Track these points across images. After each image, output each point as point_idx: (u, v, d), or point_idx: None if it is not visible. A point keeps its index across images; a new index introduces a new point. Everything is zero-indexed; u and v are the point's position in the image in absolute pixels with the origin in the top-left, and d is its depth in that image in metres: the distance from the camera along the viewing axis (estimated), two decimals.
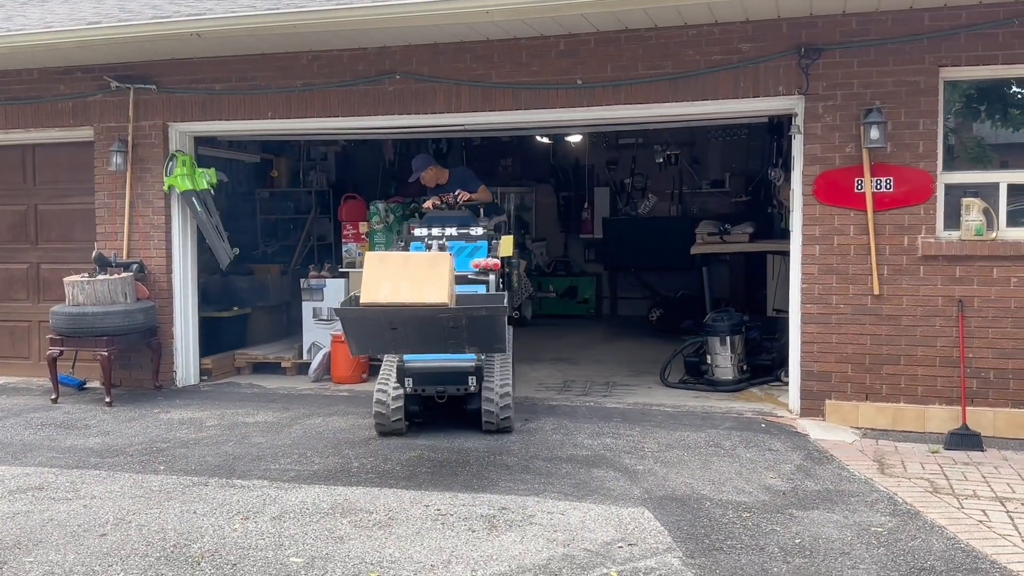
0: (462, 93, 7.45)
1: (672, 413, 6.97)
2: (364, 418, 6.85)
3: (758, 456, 5.75)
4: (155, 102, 8.25)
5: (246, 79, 8.00)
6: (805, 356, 6.75)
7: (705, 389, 7.80)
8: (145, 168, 8.29)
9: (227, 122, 8.15)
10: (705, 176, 13.03)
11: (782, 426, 6.56)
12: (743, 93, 6.81)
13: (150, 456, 5.94)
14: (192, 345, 8.53)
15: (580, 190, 13.61)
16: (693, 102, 6.95)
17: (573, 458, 5.71)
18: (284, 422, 6.84)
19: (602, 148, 13.35)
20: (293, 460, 5.76)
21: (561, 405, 7.28)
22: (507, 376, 6.35)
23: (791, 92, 6.70)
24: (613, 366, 9.14)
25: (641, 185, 13.29)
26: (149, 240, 8.29)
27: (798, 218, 6.80)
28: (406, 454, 5.83)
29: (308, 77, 7.83)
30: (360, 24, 6.86)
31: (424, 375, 6.19)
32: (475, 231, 7.18)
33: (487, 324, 4.91)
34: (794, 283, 6.87)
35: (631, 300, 13.31)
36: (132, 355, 8.24)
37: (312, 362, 8.62)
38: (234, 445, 6.17)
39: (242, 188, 12.32)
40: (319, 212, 12.21)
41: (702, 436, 6.23)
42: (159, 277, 8.28)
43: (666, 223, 12.70)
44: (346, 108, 7.76)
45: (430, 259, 5.16)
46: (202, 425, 6.80)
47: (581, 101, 7.18)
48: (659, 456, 5.74)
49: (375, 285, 4.96)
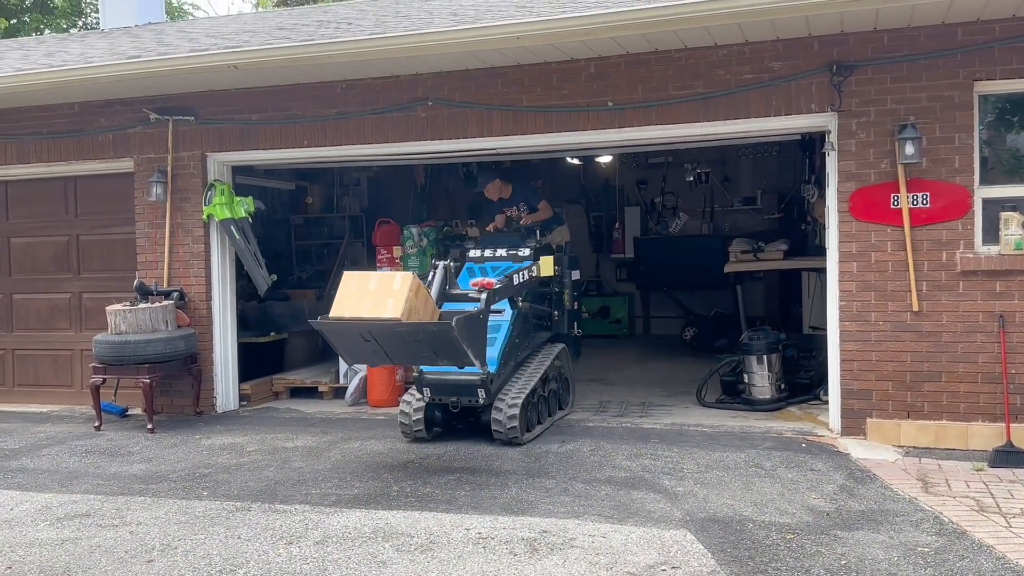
0: (494, 117, 7.52)
1: (710, 433, 6.93)
2: (402, 441, 6.89)
3: (800, 476, 5.69)
4: (193, 133, 8.42)
5: (282, 109, 8.15)
6: (845, 374, 6.68)
7: (743, 409, 7.74)
8: (184, 198, 8.45)
9: (264, 151, 8.30)
10: (736, 193, 12.99)
11: (823, 445, 6.49)
12: (775, 111, 6.80)
13: (193, 482, 6.01)
14: (231, 371, 8.64)
15: (611, 210, 13.63)
16: (725, 121, 6.96)
17: (612, 480, 5.69)
18: (323, 446, 6.90)
19: (632, 168, 13.36)
20: (333, 484, 5.80)
21: (598, 426, 7.27)
22: (523, 391, 6.64)
23: (824, 109, 6.69)
24: (648, 386, 9.11)
25: (672, 204, 13.28)
26: (189, 268, 8.44)
27: (834, 235, 6.76)
28: (444, 476, 5.85)
29: (342, 105, 7.95)
30: (392, 53, 6.97)
31: (439, 386, 6.60)
32: (522, 252, 7.36)
33: (444, 339, 5.31)
34: (832, 301, 6.82)
35: (664, 319, 13.26)
36: (173, 382, 8.36)
37: (348, 386, 8.69)
38: (275, 470, 6.23)
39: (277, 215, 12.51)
40: (353, 237, 12.35)
41: (742, 456, 6.18)
42: (199, 304, 8.42)
43: (698, 241, 12.66)
44: (379, 135, 7.87)
45: (395, 278, 5.51)
46: (243, 450, 6.88)
47: (612, 123, 7.22)
48: (699, 477, 5.71)
49: (344, 301, 5.49)
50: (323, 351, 10.19)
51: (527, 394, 6.71)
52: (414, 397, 6.83)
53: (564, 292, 7.91)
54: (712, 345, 11.00)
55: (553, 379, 7.44)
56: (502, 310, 6.88)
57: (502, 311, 6.90)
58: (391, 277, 5.58)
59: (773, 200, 12.35)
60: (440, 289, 6.02)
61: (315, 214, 12.67)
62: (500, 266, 7.31)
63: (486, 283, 6.07)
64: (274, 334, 9.76)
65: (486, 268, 7.38)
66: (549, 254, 7.73)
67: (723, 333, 10.97)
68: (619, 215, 13.52)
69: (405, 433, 6.86)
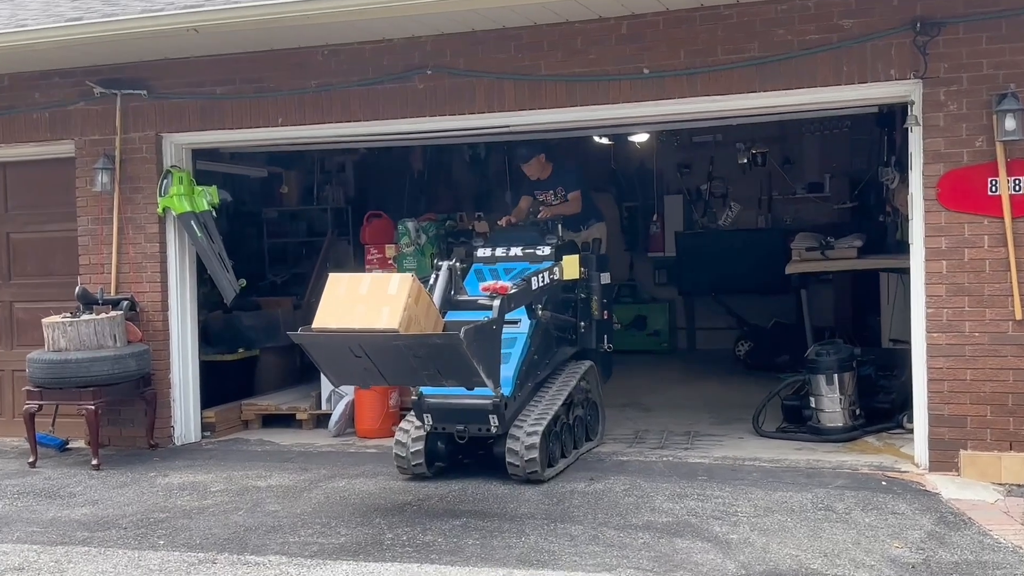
0: (505, 89, 7.53)
1: (770, 469, 6.90)
2: (397, 479, 6.90)
3: (879, 521, 5.66)
4: (146, 110, 8.47)
5: (252, 80, 8.19)
6: (933, 397, 6.65)
7: (809, 439, 7.71)
8: (135, 188, 8.50)
9: (230, 131, 8.34)
10: (800, 179, 12.95)
11: (907, 483, 6.46)
12: (846, 79, 6.78)
13: (147, 529, 6.03)
14: (192, 395, 8.68)
15: (647, 199, 13.62)
16: (785, 91, 6.95)
17: (651, 525, 5.67)
18: (303, 486, 6.90)
19: (673, 148, 13.34)
20: (315, 531, 5.81)
21: (633, 460, 7.25)
22: (544, 418, 6.64)
23: (905, 76, 6.66)
24: (694, 412, 9.08)
25: (721, 191, 13.24)
26: (141, 272, 8.48)
27: (919, 228, 6.73)
28: (448, 522, 5.85)
29: (324, 76, 7.99)
30: (386, 12, 6.98)
31: (443, 411, 6.60)
32: (541, 250, 7.37)
33: (451, 354, 5.31)
34: (917, 308, 6.78)
35: (713, 331, 13.21)
36: (122, 408, 8.40)
37: (333, 413, 8.70)
38: (245, 514, 6.24)
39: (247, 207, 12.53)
40: (337, 234, 12.37)
41: (808, 497, 6.15)
42: (153, 316, 8.46)
43: (753, 237, 12.62)
44: (368, 110, 7.89)
45: (392, 281, 5.50)
46: (207, 491, 6.89)
47: (648, 94, 7.21)
48: (756, 522, 5.68)
49: (329, 309, 5.49)
50: (302, 371, 10.21)
51: (548, 422, 6.70)
52: (412, 425, 6.84)
53: (592, 299, 7.91)
54: (771, 362, 10.91)
55: (579, 403, 7.44)
56: (518, 320, 6.89)
57: (518, 321, 6.90)
58: (386, 280, 5.60)
59: (844, 186, 12.30)
60: (444, 295, 6.04)
61: (292, 206, 12.71)
62: (515, 267, 7.31)
63: (499, 287, 6.09)
64: (243, 351, 9.78)
65: (498, 270, 7.38)
66: (574, 252, 7.73)
67: (784, 348, 10.89)
68: (657, 205, 13.50)
69: (401, 469, 6.87)
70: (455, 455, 6.98)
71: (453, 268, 6.17)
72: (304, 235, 12.73)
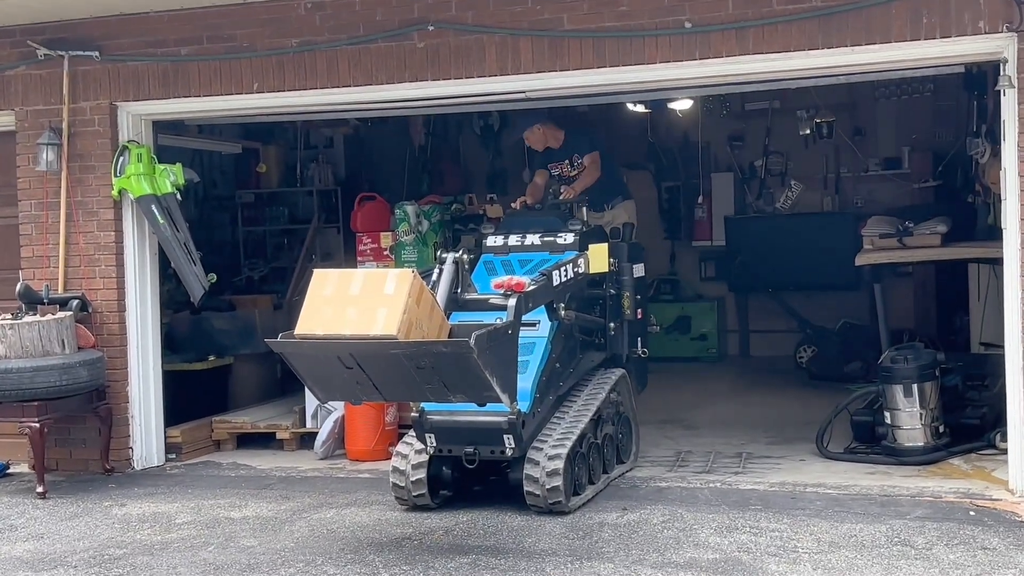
0: (521, 47, 7.53)
1: (836, 497, 6.88)
2: (395, 510, 6.91)
3: (966, 558, 5.64)
4: (99, 75, 8.51)
5: (222, 38, 8.21)
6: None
7: (884, 461, 7.69)
8: (87, 166, 8.53)
9: (197, 99, 8.36)
10: (873, 153, 12.91)
11: (1000, 513, 6.43)
12: (926, 32, 6.76)
13: (101, 567, 6.04)
14: (154, 411, 8.72)
15: (691, 178, 13.60)
16: (853, 48, 6.93)
17: (694, 563, 5.66)
18: (284, 516, 6.92)
19: (721, 118, 13.32)
20: (298, 570, 5.81)
21: (673, 487, 7.25)
22: (568, 438, 6.65)
23: (997, 29, 6.63)
24: (746, 430, 9.07)
25: (779, 169, 13.21)
26: (94, 266, 8.52)
27: (1014, 210, 6.70)
28: (455, 559, 5.86)
29: (308, 33, 8.01)
30: None
31: (449, 431, 6.61)
32: (563, 238, 7.34)
33: (459, 365, 5.33)
34: (1011, 305, 6.76)
35: (770, 334, 13.20)
36: (72, 426, 8.43)
37: (320, 432, 8.73)
38: (216, 551, 6.25)
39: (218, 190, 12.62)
40: (324, 220, 12.42)
41: (882, 530, 6.13)
42: (108, 317, 8.50)
43: (818, 222, 12.59)
44: (360, 74, 7.90)
45: (388, 279, 5.51)
46: (171, 523, 6.91)
47: (691, 52, 7.21)
48: (820, 559, 5.67)
49: (316, 311, 5.50)
50: (284, 382, 10.27)
51: (573, 442, 6.69)
52: (412, 449, 6.83)
53: (623, 296, 7.90)
54: (839, 371, 10.91)
55: (609, 420, 7.43)
56: (536, 322, 6.89)
57: (536, 324, 6.90)
58: (382, 276, 5.59)
59: (927, 161, 12.24)
60: (449, 293, 6.04)
61: (271, 188, 12.77)
62: (531, 259, 7.29)
63: (515, 284, 6.08)
64: (214, 358, 9.84)
65: (511, 262, 7.38)
66: (602, 240, 7.72)
67: (855, 354, 10.88)
68: (703, 185, 13.49)
69: (400, 499, 6.87)
70: (463, 482, 6.98)
71: (460, 261, 6.16)
72: (286, 222, 12.79)
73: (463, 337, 5.39)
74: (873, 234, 9.24)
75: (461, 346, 5.32)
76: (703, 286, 13.65)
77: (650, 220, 13.68)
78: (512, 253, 7.51)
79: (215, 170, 12.71)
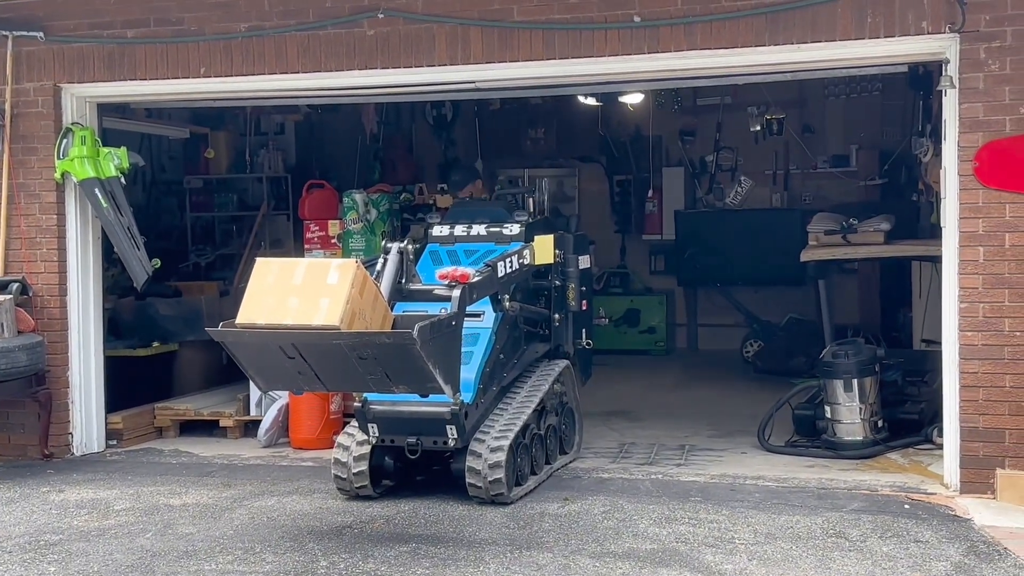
0: (471, 37, 7.54)
1: (775, 489, 6.96)
2: (336, 498, 6.90)
3: (899, 550, 5.72)
4: (42, 55, 8.42)
5: (169, 21, 8.15)
6: (966, 406, 6.72)
7: (823, 455, 7.77)
8: (29, 148, 8.45)
9: (143, 83, 8.30)
10: (822, 151, 13.04)
11: (933, 507, 6.52)
12: (871, 31, 6.83)
13: (36, 553, 6.01)
14: (95, 397, 8.65)
15: (642, 172, 13.66)
16: (799, 45, 6.99)
17: (632, 553, 5.71)
18: (224, 504, 6.90)
19: (673, 112, 13.41)
20: (236, 557, 5.80)
21: (616, 478, 7.30)
22: (511, 429, 6.69)
23: (939, 29, 6.71)
24: (691, 422, 9.14)
25: (730, 164, 13.31)
26: (35, 249, 8.44)
27: (953, 208, 6.79)
28: (394, 548, 5.87)
29: (257, 17, 7.97)
30: None
31: (391, 421, 6.62)
32: (509, 229, 7.37)
33: (402, 356, 5.35)
34: (949, 302, 6.85)
35: (717, 328, 13.31)
36: (11, 411, 8.37)
37: (264, 420, 8.70)
38: (153, 537, 6.23)
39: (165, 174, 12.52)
40: (272, 207, 12.36)
41: (818, 522, 6.21)
42: (49, 301, 8.42)
43: (766, 218, 12.71)
44: (309, 60, 7.87)
45: (331, 268, 5.52)
46: (109, 509, 6.88)
47: (640, 46, 7.24)
48: (756, 550, 5.73)
49: (258, 300, 5.51)
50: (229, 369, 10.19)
51: (516, 433, 6.72)
52: (353, 440, 6.83)
53: (568, 287, 7.93)
54: (784, 365, 11.01)
55: (552, 411, 7.47)
56: (481, 313, 6.91)
57: (481, 315, 6.92)
58: (324, 266, 5.60)
59: (874, 159, 12.40)
60: (393, 283, 6.05)
61: (219, 174, 12.69)
62: (477, 249, 7.31)
63: (459, 275, 6.09)
64: (158, 345, 9.78)
65: (457, 252, 7.39)
66: (548, 231, 7.75)
67: (800, 349, 10.97)
68: (654, 179, 13.55)
69: (342, 489, 6.87)
70: (406, 472, 6.99)
71: (405, 251, 6.17)
72: (234, 208, 12.72)
73: (407, 328, 5.40)
74: (818, 230, 9.32)
75: (404, 337, 5.33)
76: (652, 279, 13.73)
77: (601, 213, 13.80)
78: (458, 243, 7.52)
79: (163, 155, 12.63)
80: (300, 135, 13.18)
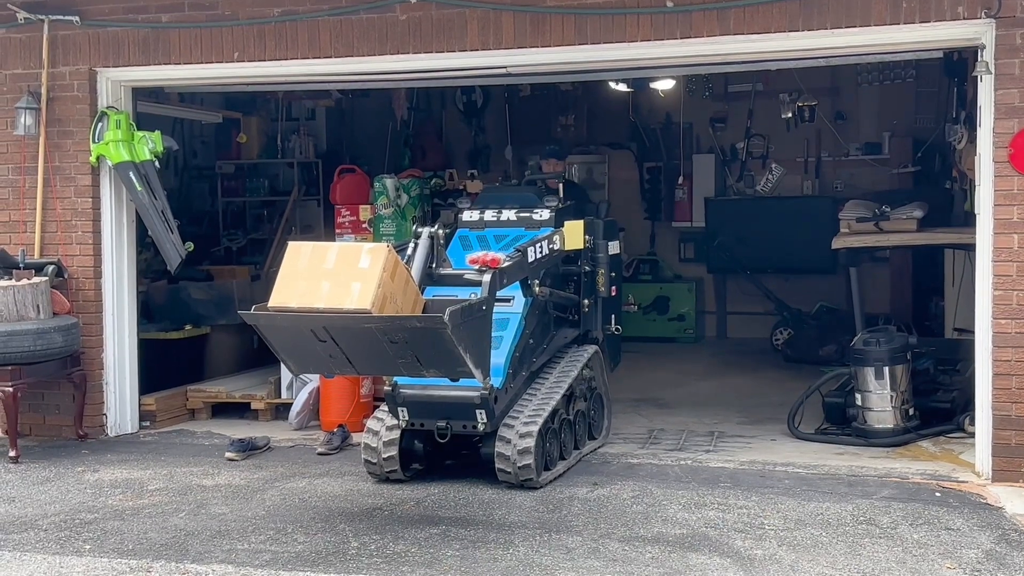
0: (503, 22, 7.54)
1: (805, 476, 6.96)
2: (367, 481, 6.96)
3: (929, 537, 5.72)
4: (79, 40, 8.48)
5: (203, 6, 8.19)
6: (999, 395, 6.70)
7: (853, 442, 7.77)
8: (65, 132, 8.52)
9: (177, 67, 8.34)
10: (854, 137, 12.96)
11: (965, 495, 6.51)
12: (905, 16, 6.80)
13: (71, 531, 6.09)
14: (129, 378, 8.73)
15: (673, 159, 13.63)
16: (833, 31, 6.96)
17: (661, 538, 5.73)
18: (256, 485, 6.97)
19: (703, 99, 13.35)
20: (268, 537, 5.87)
21: (645, 464, 7.31)
22: (540, 414, 6.72)
23: (975, 14, 6.68)
24: (720, 409, 9.14)
25: (760, 151, 13.25)
26: (71, 232, 8.51)
27: (987, 196, 6.76)
28: (425, 530, 5.92)
29: (290, 2, 7.99)
30: None
31: (421, 405, 6.66)
32: (539, 214, 7.37)
33: (433, 341, 5.38)
34: (982, 290, 6.83)
35: (747, 316, 13.27)
36: (46, 392, 8.46)
37: (294, 403, 8.77)
38: (187, 517, 6.30)
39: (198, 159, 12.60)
40: (304, 192, 12.41)
41: (848, 509, 6.21)
42: (84, 283, 8.50)
43: (797, 205, 12.64)
44: (342, 45, 7.90)
45: (363, 253, 5.54)
46: (143, 489, 6.96)
47: (673, 31, 7.23)
48: (785, 536, 5.74)
49: (290, 284, 5.53)
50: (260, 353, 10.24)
51: (545, 418, 6.75)
52: (383, 423, 6.87)
53: (598, 273, 7.94)
54: (814, 353, 10.98)
55: (581, 396, 7.50)
56: (511, 298, 6.93)
57: (511, 300, 6.94)
58: (356, 250, 5.63)
59: (907, 147, 12.30)
60: (424, 268, 6.07)
61: (251, 159, 12.75)
62: (507, 234, 7.33)
63: (490, 259, 6.11)
64: (191, 328, 9.84)
65: (487, 237, 7.41)
66: (578, 217, 7.76)
67: (831, 337, 10.94)
68: (684, 166, 13.52)
69: (372, 473, 6.93)
70: (435, 456, 7.03)
71: (435, 236, 6.19)
72: (265, 193, 12.77)
73: (437, 312, 5.43)
74: (850, 218, 9.27)
75: (435, 321, 5.35)
76: (682, 267, 13.69)
77: (631, 201, 13.76)
78: (488, 228, 7.54)
79: (196, 140, 12.70)
80: (331, 121, 13.21)
